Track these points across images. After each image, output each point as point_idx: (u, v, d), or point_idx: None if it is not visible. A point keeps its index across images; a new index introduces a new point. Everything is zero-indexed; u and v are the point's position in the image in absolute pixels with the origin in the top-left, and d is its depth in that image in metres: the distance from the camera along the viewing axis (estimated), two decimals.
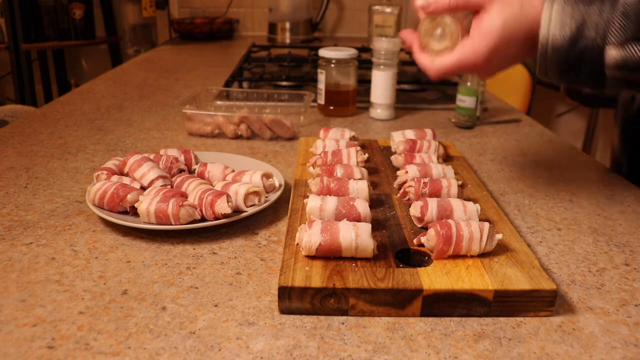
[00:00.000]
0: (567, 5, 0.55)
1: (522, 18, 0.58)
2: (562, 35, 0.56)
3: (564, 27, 0.55)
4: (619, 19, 0.53)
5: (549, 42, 0.56)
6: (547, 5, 0.56)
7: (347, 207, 0.60)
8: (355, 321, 0.49)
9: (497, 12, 0.58)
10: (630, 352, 0.46)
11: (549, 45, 0.57)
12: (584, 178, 0.85)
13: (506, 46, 0.59)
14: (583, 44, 0.55)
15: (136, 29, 2.94)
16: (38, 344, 0.45)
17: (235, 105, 1.14)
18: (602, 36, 0.54)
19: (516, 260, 0.54)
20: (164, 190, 0.65)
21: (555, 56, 0.57)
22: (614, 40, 0.54)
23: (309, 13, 2.25)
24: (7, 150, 0.91)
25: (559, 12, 0.56)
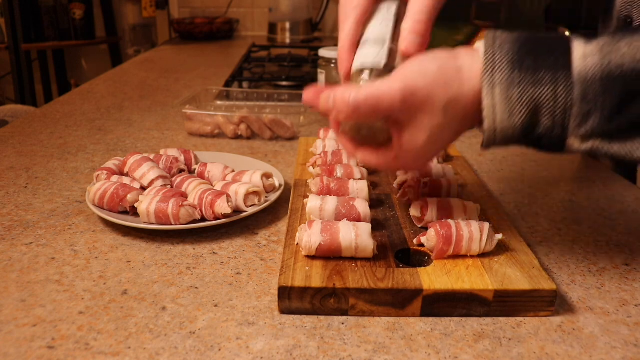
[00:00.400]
0: (512, 87, 0.44)
1: (449, 124, 0.48)
2: (511, 124, 0.45)
3: (512, 116, 0.45)
4: (578, 103, 0.43)
5: (497, 133, 0.46)
6: (486, 91, 0.45)
7: (347, 207, 0.60)
8: (355, 321, 0.49)
9: (419, 128, 0.48)
10: (630, 352, 0.46)
11: (497, 135, 0.46)
12: (584, 178, 0.85)
13: (437, 148, 0.51)
14: (539, 132, 0.45)
15: (136, 29, 2.94)
16: (38, 344, 0.45)
17: (235, 105, 1.14)
18: (561, 126, 0.44)
19: (516, 260, 0.54)
20: (164, 190, 0.65)
21: (506, 141, 0.48)
22: (576, 133, 0.44)
23: (309, 13, 2.25)
24: (7, 150, 0.91)
25: (504, 98, 0.45)
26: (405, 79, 0.46)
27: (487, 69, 0.45)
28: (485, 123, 0.46)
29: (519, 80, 0.44)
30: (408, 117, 0.48)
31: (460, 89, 0.46)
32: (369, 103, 0.46)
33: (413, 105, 0.46)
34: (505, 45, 0.45)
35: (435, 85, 0.46)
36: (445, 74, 0.46)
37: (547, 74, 0.43)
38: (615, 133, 0.44)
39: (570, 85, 0.43)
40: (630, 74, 0.42)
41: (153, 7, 2.75)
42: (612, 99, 0.42)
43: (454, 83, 0.46)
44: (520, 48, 0.45)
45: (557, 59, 0.44)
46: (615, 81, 0.42)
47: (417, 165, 0.52)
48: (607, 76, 0.42)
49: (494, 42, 0.46)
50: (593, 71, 0.43)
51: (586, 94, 0.43)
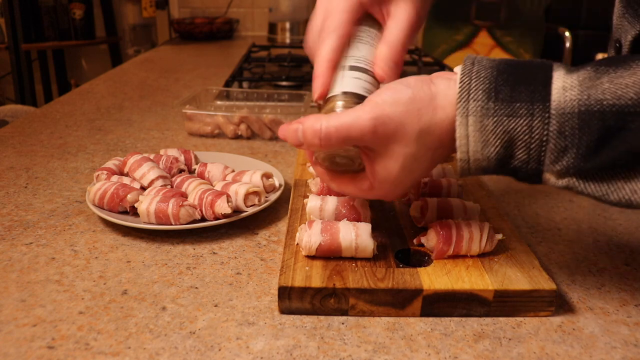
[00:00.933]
0: (487, 117, 0.42)
1: (423, 153, 0.46)
2: (485, 156, 0.44)
3: (486, 147, 0.43)
4: (554, 139, 0.41)
5: (470, 163, 0.45)
6: (460, 121, 0.43)
7: (347, 207, 0.60)
8: (355, 321, 0.49)
9: (391, 158, 0.47)
10: (630, 352, 0.46)
11: (471, 166, 0.45)
12: None
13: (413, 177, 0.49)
14: (513, 165, 0.44)
15: (136, 29, 2.94)
16: (38, 344, 0.45)
17: (235, 105, 1.14)
18: (537, 160, 0.43)
19: (516, 260, 0.54)
20: (164, 190, 0.65)
21: (481, 172, 0.46)
22: (551, 169, 0.43)
23: (309, 13, 2.25)
24: (7, 150, 0.91)
25: (477, 128, 0.43)
26: (376, 108, 0.45)
27: (462, 98, 0.43)
28: (458, 153, 0.45)
29: (494, 110, 0.42)
30: (380, 146, 0.46)
31: (434, 117, 0.45)
32: (340, 133, 0.45)
33: (385, 135, 0.45)
34: (482, 73, 0.44)
35: (407, 115, 0.45)
36: (418, 102, 0.45)
37: (524, 106, 0.42)
38: (591, 173, 0.41)
39: (547, 119, 0.41)
40: (609, 110, 0.40)
41: (153, 7, 2.75)
42: (590, 136, 0.40)
43: (426, 111, 0.45)
44: (497, 76, 0.43)
45: (535, 90, 0.42)
46: (593, 117, 0.40)
47: (394, 194, 0.50)
48: (585, 111, 0.40)
49: (471, 68, 0.44)
50: (571, 105, 0.41)
51: (563, 129, 0.41)
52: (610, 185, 0.41)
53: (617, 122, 0.39)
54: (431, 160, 0.48)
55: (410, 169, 0.47)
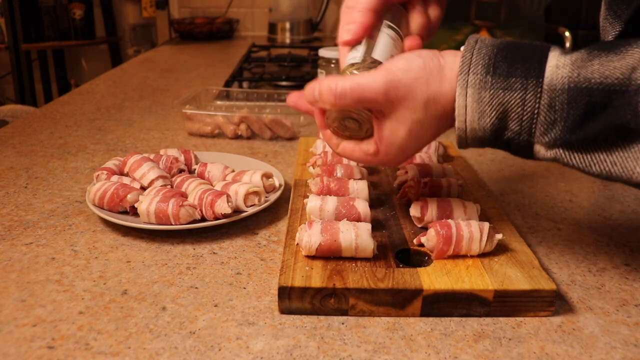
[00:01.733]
0: (484, 90, 0.46)
1: (429, 120, 0.49)
2: (481, 126, 0.47)
3: (482, 118, 0.46)
4: (545, 112, 0.44)
5: (467, 133, 0.48)
6: (459, 91, 0.46)
7: (347, 207, 0.60)
8: (355, 321, 0.49)
9: (399, 122, 0.49)
10: (630, 352, 0.46)
11: (468, 135, 0.48)
12: (584, 178, 0.85)
13: (417, 145, 0.52)
14: (508, 136, 0.47)
15: (136, 29, 2.94)
16: (38, 344, 0.45)
17: (235, 105, 1.14)
18: (528, 132, 0.46)
19: (516, 260, 0.54)
20: (164, 190, 0.65)
21: (477, 143, 0.49)
22: (543, 140, 0.45)
23: (309, 13, 2.25)
24: (7, 150, 0.91)
25: (475, 99, 0.46)
26: (389, 73, 0.48)
27: (463, 71, 0.46)
28: (457, 122, 0.47)
29: (491, 84, 0.46)
30: (389, 110, 0.49)
31: (441, 87, 0.48)
32: (354, 93, 0.48)
33: (395, 99, 0.48)
34: (483, 49, 0.47)
35: (417, 82, 0.48)
36: (428, 71, 0.48)
37: (518, 81, 0.45)
38: (576, 145, 0.44)
39: (539, 93, 0.44)
40: (596, 87, 0.42)
41: (153, 7, 2.75)
42: (577, 111, 0.43)
43: (434, 81, 0.48)
44: (497, 53, 0.46)
45: (530, 67, 0.45)
46: (581, 93, 0.43)
47: (397, 160, 0.53)
48: (574, 88, 0.43)
49: (474, 45, 0.48)
50: (562, 82, 0.43)
51: (553, 103, 0.44)
52: (593, 157, 0.44)
53: (602, 99, 0.42)
54: (436, 128, 0.50)
55: (416, 134, 0.50)
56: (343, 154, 0.56)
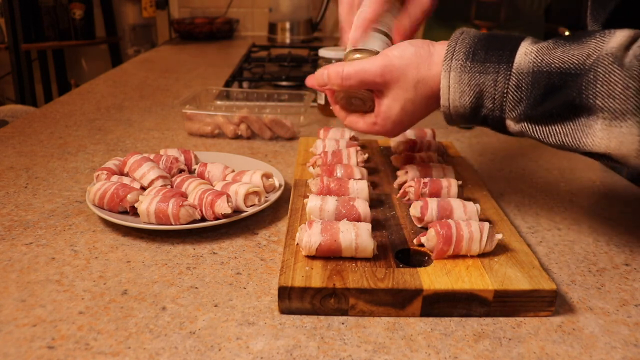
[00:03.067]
0: (464, 73, 0.54)
1: (419, 98, 0.58)
2: (462, 104, 0.56)
3: (462, 96, 0.55)
4: (513, 91, 0.52)
5: (450, 110, 0.57)
6: (443, 74, 0.55)
7: (347, 207, 0.60)
8: (355, 321, 0.49)
9: (394, 99, 0.59)
10: (630, 352, 0.46)
11: (452, 112, 0.57)
12: (584, 178, 0.85)
13: (410, 120, 0.61)
14: (484, 113, 0.55)
15: (136, 29, 2.94)
16: (38, 344, 0.45)
17: (235, 105, 1.14)
18: (500, 109, 0.54)
19: (516, 260, 0.54)
20: (164, 190, 0.65)
21: (460, 119, 0.58)
22: (512, 115, 0.54)
23: (309, 13, 2.25)
24: (7, 150, 0.91)
25: (456, 81, 0.55)
26: (385, 59, 0.58)
27: (447, 57, 0.56)
28: (442, 101, 0.57)
29: (469, 68, 0.54)
30: (386, 89, 0.59)
31: (429, 71, 0.57)
32: (357, 75, 0.59)
33: (390, 80, 0.58)
34: (466, 40, 0.56)
35: (409, 66, 0.57)
36: (419, 57, 0.57)
37: (492, 65, 0.53)
38: (537, 119, 0.52)
39: (508, 76, 0.52)
40: (555, 71, 0.50)
41: (153, 7, 2.75)
42: (538, 90, 0.51)
43: (424, 65, 0.57)
44: (477, 43, 0.55)
45: (503, 54, 0.53)
46: (542, 76, 0.51)
47: (393, 132, 0.63)
48: (537, 71, 0.51)
49: (459, 36, 0.57)
50: (527, 66, 0.52)
51: (520, 84, 0.52)
52: (550, 130, 0.52)
53: (559, 81, 0.50)
54: (425, 106, 0.60)
55: (409, 110, 0.59)
56: (349, 125, 0.66)
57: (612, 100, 0.47)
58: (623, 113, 0.47)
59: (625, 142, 0.48)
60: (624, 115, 0.47)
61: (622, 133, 0.48)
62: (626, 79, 0.47)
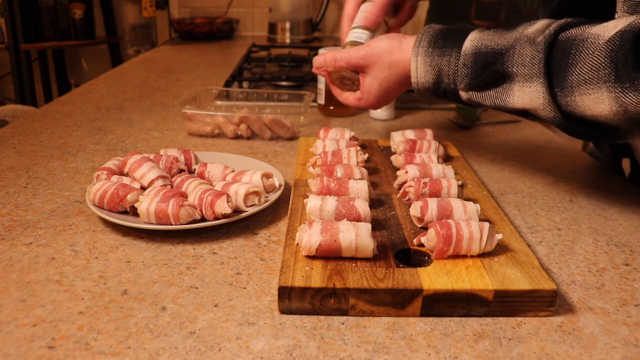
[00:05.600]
0: (427, 57, 0.70)
1: (392, 77, 0.75)
2: (426, 81, 0.71)
3: (427, 75, 0.71)
4: (461, 68, 0.68)
5: (419, 85, 0.73)
6: (413, 59, 0.71)
7: (347, 207, 0.60)
8: (355, 321, 0.49)
9: (373, 78, 0.76)
10: (630, 352, 0.46)
11: (420, 87, 0.73)
12: (584, 178, 0.85)
13: (387, 95, 0.78)
14: (443, 87, 0.71)
15: (136, 29, 2.94)
16: (38, 344, 0.45)
17: (235, 105, 1.14)
18: (453, 82, 0.69)
19: (516, 260, 0.54)
20: (164, 190, 0.65)
21: (427, 93, 0.73)
22: (461, 87, 0.69)
23: (309, 13, 2.25)
24: (7, 150, 0.91)
25: (422, 63, 0.71)
26: (367, 47, 0.77)
27: (416, 44, 0.72)
28: (412, 78, 0.73)
29: (431, 52, 0.70)
30: (368, 69, 0.77)
31: (400, 56, 0.74)
32: (345, 59, 0.78)
33: (371, 62, 0.76)
34: (430, 31, 0.72)
35: (384, 52, 0.75)
36: (392, 46, 0.75)
37: (447, 50, 0.69)
38: (478, 87, 0.67)
39: (458, 58, 0.68)
40: (489, 51, 0.66)
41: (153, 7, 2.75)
42: (477, 66, 0.67)
43: (396, 52, 0.74)
44: (439, 33, 0.71)
45: (456, 42, 0.69)
46: (480, 55, 0.66)
47: (375, 104, 0.80)
48: (477, 52, 0.67)
49: (426, 29, 0.73)
50: (471, 48, 0.67)
51: (465, 62, 0.67)
52: (486, 94, 0.67)
53: (492, 58, 0.65)
54: (398, 84, 0.76)
55: (385, 87, 0.77)
56: (344, 101, 0.84)
57: (523, 67, 0.62)
58: (531, 76, 0.62)
59: (534, 98, 0.62)
60: (531, 78, 0.62)
61: (531, 92, 0.62)
62: (533, 52, 0.61)
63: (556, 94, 0.61)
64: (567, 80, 0.59)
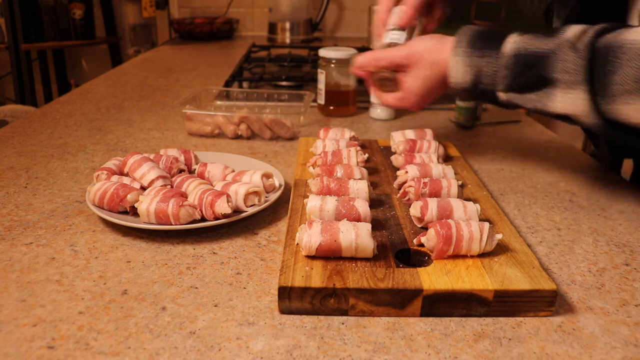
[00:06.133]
0: (466, 57, 0.71)
1: (434, 76, 0.75)
2: (464, 81, 0.72)
3: (465, 75, 0.72)
4: (501, 70, 0.68)
5: (457, 86, 0.73)
6: (452, 59, 0.72)
7: (347, 207, 0.60)
8: (355, 321, 0.49)
9: (414, 77, 0.76)
10: (630, 352, 0.46)
11: (458, 88, 0.73)
12: (584, 178, 0.85)
13: (429, 94, 0.78)
14: (481, 88, 0.71)
15: (136, 29, 2.94)
16: (38, 344, 0.45)
17: (235, 105, 1.14)
18: (493, 83, 0.70)
19: (516, 260, 0.54)
20: (164, 190, 0.65)
21: (464, 93, 0.74)
22: (500, 88, 0.69)
23: (309, 13, 2.25)
24: (7, 150, 0.91)
25: (460, 63, 0.71)
26: (409, 47, 0.77)
27: (455, 45, 0.72)
28: (450, 78, 0.73)
29: (470, 53, 0.71)
30: (410, 68, 0.77)
31: (441, 56, 0.74)
32: (387, 59, 0.78)
33: (413, 62, 0.76)
34: (469, 32, 0.73)
35: (426, 51, 0.75)
36: (433, 45, 0.75)
37: (487, 51, 0.70)
38: (518, 89, 0.68)
39: (497, 59, 0.69)
40: (530, 54, 0.66)
41: (153, 7, 2.75)
42: (517, 68, 0.67)
43: (437, 51, 0.74)
44: (477, 35, 0.72)
45: (496, 42, 0.69)
46: (520, 57, 0.67)
47: (416, 103, 0.79)
48: (517, 54, 0.67)
49: (465, 30, 0.73)
50: (511, 51, 0.68)
51: (506, 64, 0.68)
52: (526, 97, 0.68)
53: (532, 61, 0.66)
54: (439, 83, 0.76)
55: (427, 86, 0.76)
56: (383, 102, 0.84)
57: (566, 74, 0.63)
58: (573, 83, 0.63)
59: (576, 105, 0.63)
60: (574, 85, 0.63)
61: (573, 98, 0.63)
62: (575, 59, 0.62)
63: (598, 102, 0.61)
64: (607, 89, 0.60)
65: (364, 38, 2.32)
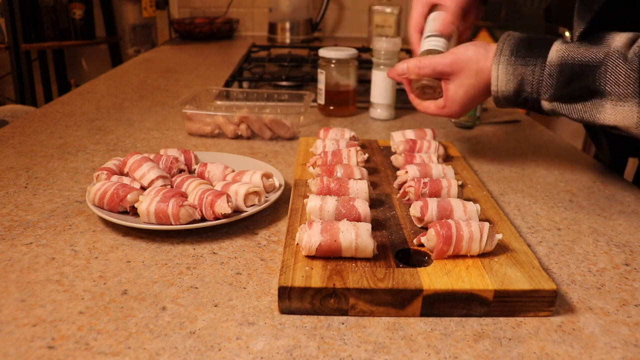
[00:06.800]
0: (509, 65, 0.70)
1: (478, 84, 0.74)
2: (507, 89, 0.71)
3: (508, 84, 0.70)
4: (546, 78, 0.67)
5: (499, 94, 0.72)
6: (494, 67, 0.71)
7: (347, 207, 0.60)
8: (355, 321, 0.49)
9: (458, 85, 0.75)
10: (630, 352, 0.46)
11: (500, 96, 0.72)
12: (584, 178, 0.85)
13: (471, 103, 0.76)
14: (524, 96, 0.70)
15: (136, 29, 2.94)
16: (38, 344, 0.45)
17: (235, 105, 1.14)
18: (537, 92, 0.69)
19: (516, 260, 0.54)
20: (164, 190, 0.65)
21: (505, 102, 0.73)
22: (545, 97, 0.69)
23: (309, 13, 2.25)
24: (7, 150, 0.91)
25: (503, 71, 0.70)
26: (453, 54, 0.75)
27: (497, 53, 0.71)
28: (492, 86, 0.72)
29: (514, 61, 0.70)
30: (453, 76, 0.75)
31: (485, 64, 0.73)
32: (431, 66, 0.76)
33: (457, 70, 0.74)
34: (511, 40, 0.72)
35: (471, 59, 0.74)
36: (478, 53, 0.73)
37: (531, 59, 0.69)
38: (564, 99, 0.67)
39: (543, 68, 0.68)
40: (577, 63, 0.65)
41: (153, 7, 2.75)
42: (564, 77, 0.66)
43: (482, 60, 0.73)
44: (520, 42, 0.71)
45: (540, 51, 0.68)
46: (566, 66, 0.66)
47: (459, 113, 0.78)
48: (563, 63, 0.66)
49: (506, 37, 0.72)
50: (557, 59, 0.67)
51: (551, 73, 0.67)
52: (573, 107, 0.67)
53: (579, 71, 0.65)
54: (482, 91, 0.74)
55: (470, 94, 0.75)
56: (423, 110, 0.81)
57: (618, 86, 0.62)
58: (625, 96, 0.62)
59: (627, 117, 0.63)
60: (626, 98, 0.62)
61: (624, 111, 0.62)
62: (627, 71, 0.61)
63: None
64: None
65: (364, 38, 2.32)
